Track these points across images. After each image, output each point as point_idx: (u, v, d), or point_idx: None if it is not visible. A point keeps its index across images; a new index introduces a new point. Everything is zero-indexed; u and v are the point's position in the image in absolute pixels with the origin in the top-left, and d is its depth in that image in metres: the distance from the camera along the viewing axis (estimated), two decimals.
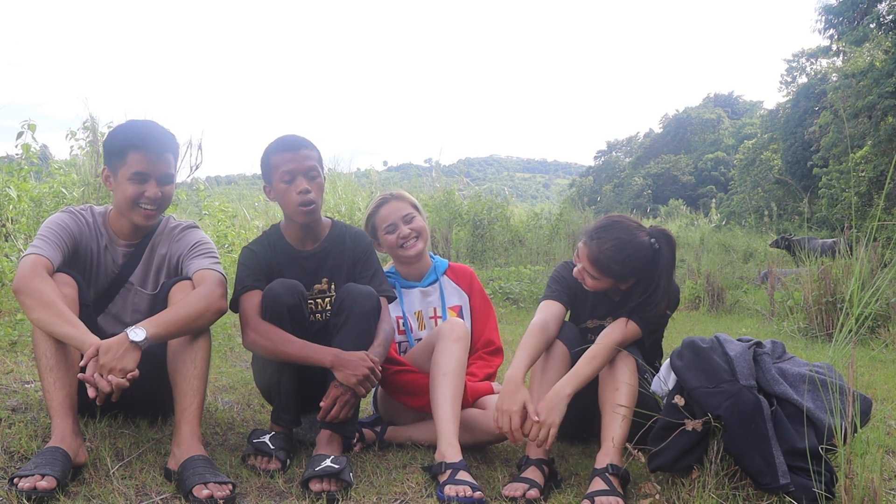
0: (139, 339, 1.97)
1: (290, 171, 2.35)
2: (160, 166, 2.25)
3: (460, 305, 2.78)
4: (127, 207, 2.26)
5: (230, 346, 3.95)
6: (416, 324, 2.74)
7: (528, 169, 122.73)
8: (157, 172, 2.24)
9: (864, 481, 1.74)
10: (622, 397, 2.15)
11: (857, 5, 13.74)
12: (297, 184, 2.35)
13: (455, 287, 2.80)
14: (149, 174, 2.23)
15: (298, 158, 2.36)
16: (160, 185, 2.26)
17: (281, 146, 2.39)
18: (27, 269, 2.06)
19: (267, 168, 2.41)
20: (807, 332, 5.33)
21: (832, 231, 13.66)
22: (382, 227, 2.71)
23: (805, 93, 22.88)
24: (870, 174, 13.69)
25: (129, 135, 2.25)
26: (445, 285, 2.78)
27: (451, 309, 2.76)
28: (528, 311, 6.68)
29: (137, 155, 2.21)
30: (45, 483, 1.77)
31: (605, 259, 2.21)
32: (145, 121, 2.36)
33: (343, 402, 2.16)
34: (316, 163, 2.40)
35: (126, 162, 2.22)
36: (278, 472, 2.18)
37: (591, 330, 2.52)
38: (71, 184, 5.63)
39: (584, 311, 2.52)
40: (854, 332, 1.87)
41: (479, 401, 2.57)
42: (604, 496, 1.98)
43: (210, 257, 2.33)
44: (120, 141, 2.25)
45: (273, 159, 2.39)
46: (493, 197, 11.36)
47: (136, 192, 2.23)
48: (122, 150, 2.23)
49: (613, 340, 2.22)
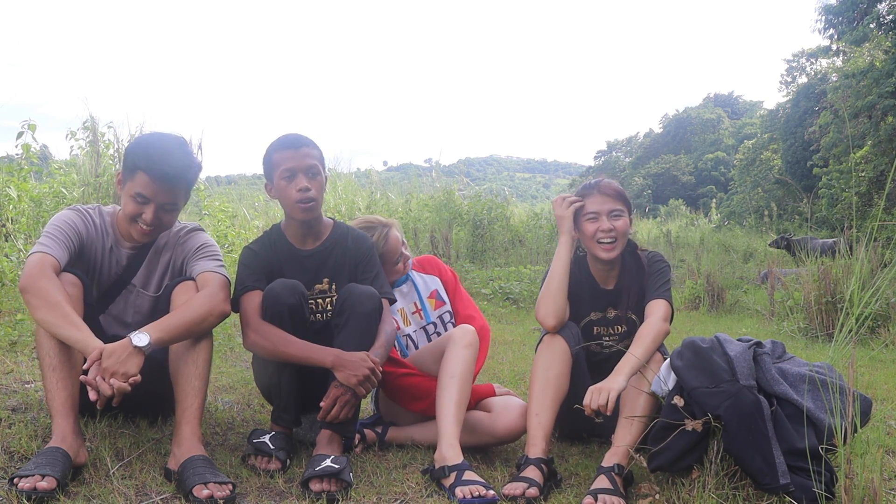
0: (143, 345, 1.97)
1: (290, 168, 2.35)
2: (164, 195, 2.20)
3: (436, 290, 2.80)
4: (127, 220, 2.26)
5: (230, 346, 3.95)
6: (402, 320, 2.75)
7: (528, 169, 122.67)
8: (159, 200, 2.20)
9: (864, 481, 1.74)
10: (641, 405, 2.16)
11: (857, 5, 13.74)
12: (297, 181, 2.34)
13: (425, 276, 2.82)
14: (150, 200, 2.19)
15: (299, 156, 2.36)
16: (159, 211, 2.21)
17: (282, 144, 2.40)
18: (34, 267, 2.05)
19: (268, 165, 2.42)
20: (807, 332, 5.33)
21: (832, 231, 13.66)
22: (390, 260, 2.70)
23: (805, 93, 22.87)
24: (870, 174, 13.69)
25: (145, 153, 2.19)
26: (416, 279, 2.80)
27: (430, 297, 2.79)
28: (529, 311, 6.68)
29: (145, 178, 2.17)
30: (45, 483, 1.77)
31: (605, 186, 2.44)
32: (170, 140, 2.27)
33: (343, 403, 2.16)
34: (317, 161, 2.40)
35: (134, 179, 2.19)
36: (278, 472, 2.18)
37: (595, 322, 2.52)
38: (71, 184, 5.63)
39: (584, 306, 2.52)
40: (854, 332, 1.87)
41: (483, 403, 2.57)
42: (607, 495, 1.99)
43: (214, 260, 2.33)
44: (134, 156, 2.20)
45: (274, 157, 2.39)
46: (493, 197, 11.37)
47: (135, 210, 2.21)
48: (133, 165, 2.19)
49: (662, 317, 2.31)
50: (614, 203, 2.41)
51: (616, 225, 2.39)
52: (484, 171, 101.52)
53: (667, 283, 2.41)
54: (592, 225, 2.41)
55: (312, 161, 2.38)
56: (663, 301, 2.36)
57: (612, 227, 2.39)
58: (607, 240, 2.40)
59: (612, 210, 2.40)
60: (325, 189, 2.45)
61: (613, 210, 2.40)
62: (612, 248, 2.40)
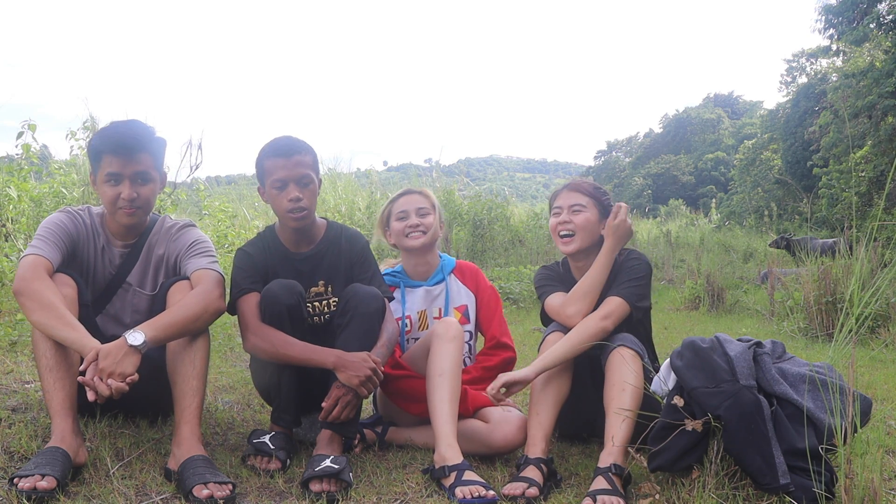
0: (137, 344, 1.97)
1: (281, 178, 2.32)
2: (132, 166, 2.21)
3: (466, 305, 2.73)
4: (110, 209, 2.26)
5: (230, 346, 3.95)
6: (419, 323, 2.71)
7: (528, 169, 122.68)
8: (128, 172, 2.21)
9: (864, 481, 1.74)
10: (627, 399, 2.15)
11: (857, 5, 13.74)
12: (289, 191, 2.33)
13: (461, 286, 2.74)
14: (121, 174, 2.20)
15: (290, 165, 2.33)
16: (135, 185, 2.22)
17: (273, 151, 2.36)
18: (27, 270, 2.06)
19: (261, 171, 2.40)
20: (807, 332, 5.33)
21: (832, 231, 13.66)
22: (396, 213, 2.68)
23: (805, 93, 22.86)
24: (870, 174, 13.69)
25: (104, 137, 2.24)
26: (451, 285, 2.73)
27: (457, 309, 2.71)
28: (528, 311, 6.68)
29: (109, 156, 2.20)
30: (45, 483, 1.78)
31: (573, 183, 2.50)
32: (124, 121, 2.32)
33: (345, 403, 2.16)
34: (309, 169, 2.36)
35: (101, 164, 2.22)
36: (278, 472, 2.18)
37: None
38: (71, 184, 5.63)
39: None
40: (854, 332, 1.86)
41: (481, 412, 2.51)
42: (605, 495, 1.98)
43: (208, 256, 2.32)
44: (96, 144, 2.25)
45: (266, 164, 2.37)
46: (493, 197, 11.37)
47: (113, 193, 2.21)
48: (97, 153, 2.23)
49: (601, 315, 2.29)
50: (578, 198, 2.43)
51: (574, 219, 2.39)
52: (484, 171, 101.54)
53: (633, 281, 2.35)
54: (555, 220, 2.45)
55: (304, 170, 2.34)
56: (616, 299, 2.32)
57: (569, 220, 2.40)
58: (564, 232, 2.42)
59: (573, 205, 2.41)
60: (318, 193, 2.44)
61: (575, 205, 2.41)
62: (570, 241, 2.41)
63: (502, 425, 2.41)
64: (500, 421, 2.42)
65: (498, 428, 2.41)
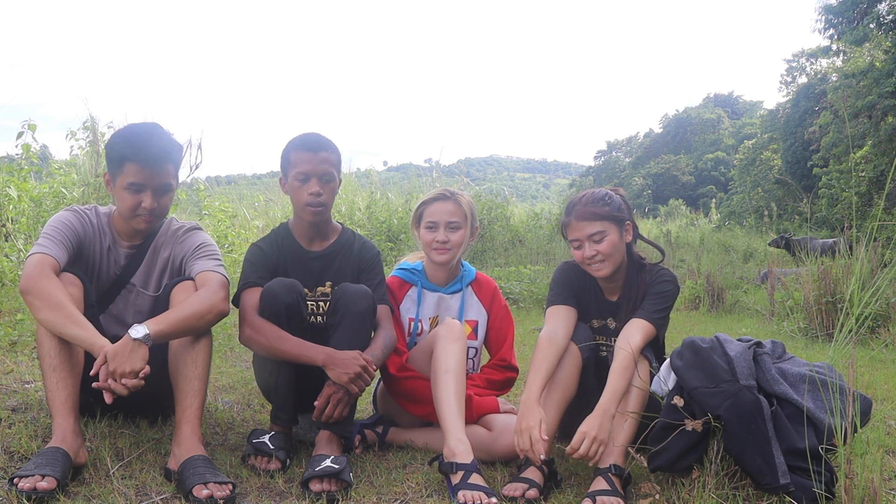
0: (140, 336, 1.97)
1: (305, 172, 2.38)
2: (157, 178, 2.21)
3: (477, 321, 2.71)
4: (126, 215, 2.26)
5: (230, 346, 3.95)
6: (428, 328, 2.68)
7: (528, 169, 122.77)
8: (153, 184, 2.21)
9: (864, 481, 1.74)
10: (632, 401, 2.15)
11: (857, 5, 13.74)
12: (310, 185, 2.38)
13: (477, 301, 2.72)
14: (145, 185, 2.20)
15: (316, 161, 2.38)
16: (156, 196, 2.22)
17: (302, 144, 2.42)
18: (34, 268, 2.05)
19: (286, 162, 2.44)
20: (807, 332, 5.32)
21: (832, 231, 13.67)
22: (426, 221, 2.62)
23: (805, 93, 22.87)
24: (870, 174, 13.69)
25: (127, 143, 2.21)
26: (468, 297, 2.71)
27: (468, 323, 2.69)
28: (528, 311, 6.68)
29: (134, 166, 2.18)
30: (45, 483, 1.78)
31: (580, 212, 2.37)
32: (146, 126, 2.29)
33: (337, 401, 2.16)
34: (332, 167, 2.42)
35: (123, 171, 2.19)
36: (278, 472, 2.18)
37: (596, 329, 2.51)
38: (71, 184, 5.64)
39: (588, 311, 2.52)
40: (854, 332, 1.87)
41: (484, 419, 2.48)
42: (605, 496, 1.98)
43: (213, 259, 2.32)
44: (118, 149, 2.21)
45: (292, 156, 2.42)
46: (493, 197, 11.38)
47: (134, 201, 2.21)
48: (120, 159, 2.20)
49: (637, 346, 2.22)
50: (593, 226, 2.36)
51: (599, 248, 2.35)
52: (484, 171, 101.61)
53: (662, 306, 2.33)
54: (578, 253, 2.39)
55: (328, 167, 2.40)
56: (647, 325, 2.28)
57: (596, 252, 2.36)
58: (594, 264, 2.38)
59: (591, 234, 2.35)
60: (337, 192, 2.49)
61: (593, 234, 2.35)
62: (602, 267, 2.38)
63: (506, 434, 2.37)
64: (504, 429, 2.39)
65: (501, 436, 2.38)
